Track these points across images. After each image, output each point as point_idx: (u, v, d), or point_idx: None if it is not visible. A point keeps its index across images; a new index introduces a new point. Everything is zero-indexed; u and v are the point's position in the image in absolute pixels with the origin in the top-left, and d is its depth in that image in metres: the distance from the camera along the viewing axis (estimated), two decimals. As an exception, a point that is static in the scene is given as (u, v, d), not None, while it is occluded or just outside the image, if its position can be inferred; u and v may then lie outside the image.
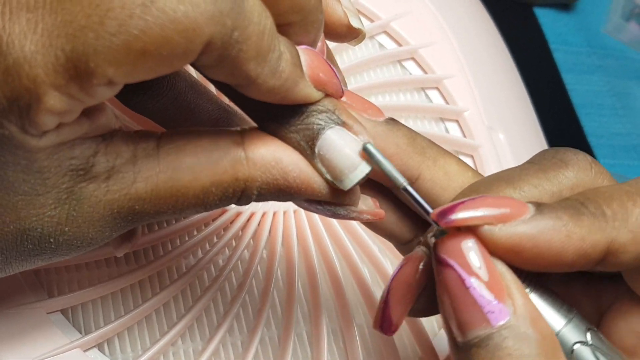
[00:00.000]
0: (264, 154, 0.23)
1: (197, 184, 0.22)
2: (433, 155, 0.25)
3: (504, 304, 0.20)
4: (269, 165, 0.23)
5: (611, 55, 0.69)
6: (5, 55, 0.18)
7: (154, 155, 0.22)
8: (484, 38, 0.47)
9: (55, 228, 0.21)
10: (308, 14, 0.23)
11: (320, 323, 0.32)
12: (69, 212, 0.21)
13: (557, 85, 0.66)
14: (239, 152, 0.22)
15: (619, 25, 0.68)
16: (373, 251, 0.34)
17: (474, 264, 0.21)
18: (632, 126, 0.65)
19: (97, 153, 0.21)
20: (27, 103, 0.18)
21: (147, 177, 0.22)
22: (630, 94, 0.67)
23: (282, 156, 0.23)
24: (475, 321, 0.20)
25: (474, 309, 0.20)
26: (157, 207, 0.22)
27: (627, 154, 0.64)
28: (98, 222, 0.22)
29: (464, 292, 0.20)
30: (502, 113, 0.43)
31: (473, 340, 0.20)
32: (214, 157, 0.22)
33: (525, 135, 0.44)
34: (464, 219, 0.21)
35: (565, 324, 0.22)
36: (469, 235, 0.21)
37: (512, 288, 0.21)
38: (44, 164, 0.20)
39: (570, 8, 0.70)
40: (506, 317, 0.20)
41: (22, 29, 0.18)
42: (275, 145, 0.23)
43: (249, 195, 0.23)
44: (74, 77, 0.18)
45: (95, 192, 0.21)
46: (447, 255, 0.21)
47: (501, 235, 0.21)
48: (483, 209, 0.21)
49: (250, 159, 0.22)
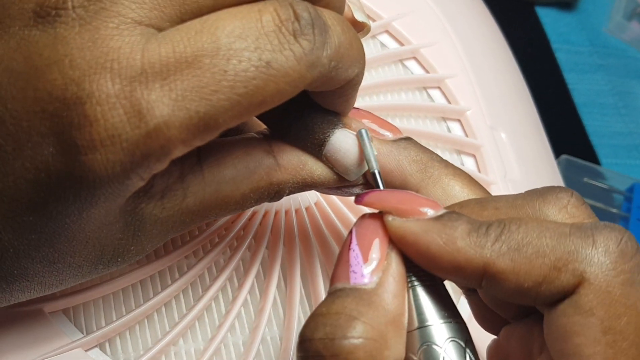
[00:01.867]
0: (292, 158, 0.26)
1: (238, 193, 0.25)
2: (436, 175, 0.26)
3: (370, 273, 0.22)
4: (298, 168, 0.26)
5: (613, 55, 0.69)
6: (147, 121, 0.20)
7: (198, 170, 0.24)
8: (486, 37, 0.47)
9: (124, 248, 0.24)
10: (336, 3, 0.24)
11: (321, 323, 0.32)
12: (134, 232, 0.23)
13: (559, 84, 0.66)
14: (271, 160, 0.25)
15: (621, 24, 0.68)
16: (375, 251, 0.34)
17: (368, 237, 0.23)
18: (634, 125, 0.65)
19: (155, 176, 0.22)
20: (157, 157, 0.20)
21: (195, 192, 0.24)
22: (632, 93, 0.67)
23: (306, 159, 0.26)
24: (341, 276, 0.23)
25: (344, 267, 0.23)
26: (203, 216, 0.24)
27: (629, 153, 0.64)
28: (156, 238, 0.24)
29: (346, 251, 0.23)
30: (504, 112, 0.43)
31: (331, 290, 0.23)
32: (251, 167, 0.25)
33: (527, 135, 0.44)
34: (368, 202, 0.24)
35: (438, 324, 0.23)
36: (380, 218, 0.23)
37: (390, 267, 0.23)
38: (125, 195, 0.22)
39: (573, 7, 0.70)
40: (363, 281, 0.22)
41: (159, 96, 0.20)
42: (298, 149, 0.26)
43: (282, 194, 0.26)
44: (202, 133, 0.21)
45: (154, 211, 0.23)
46: (355, 225, 0.24)
47: (392, 224, 0.23)
48: (390, 200, 0.23)
49: (281, 166, 0.25)
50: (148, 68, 0.20)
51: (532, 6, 0.68)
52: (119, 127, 0.20)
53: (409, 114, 0.40)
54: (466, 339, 0.23)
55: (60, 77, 0.19)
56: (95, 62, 0.20)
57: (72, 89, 0.19)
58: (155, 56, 0.20)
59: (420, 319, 0.23)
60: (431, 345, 0.22)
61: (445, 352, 0.22)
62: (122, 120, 0.20)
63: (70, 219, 0.21)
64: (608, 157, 0.63)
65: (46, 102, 0.20)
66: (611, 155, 0.63)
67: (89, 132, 0.19)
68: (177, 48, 0.20)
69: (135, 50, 0.20)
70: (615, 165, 0.63)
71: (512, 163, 0.40)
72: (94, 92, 0.19)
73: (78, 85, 0.19)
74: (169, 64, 0.20)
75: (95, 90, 0.19)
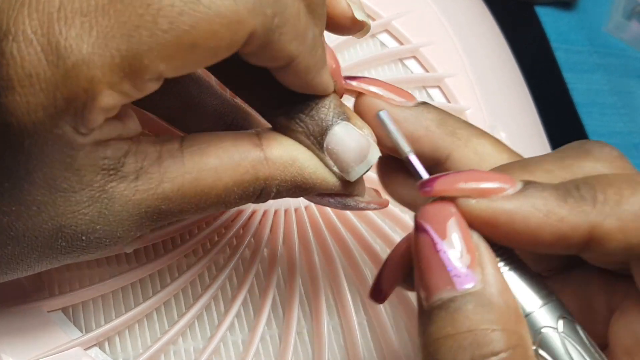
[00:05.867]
0: (282, 153, 0.24)
1: (220, 184, 0.23)
2: (465, 136, 0.25)
3: (472, 270, 0.20)
4: (287, 164, 0.24)
5: (612, 54, 0.69)
6: (65, 59, 0.19)
7: (179, 156, 0.23)
8: (486, 37, 0.47)
9: (88, 226, 0.22)
10: (317, 7, 0.23)
11: (321, 321, 0.32)
12: (101, 210, 0.22)
13: (559, 83, 0.65)
14: (258, 153, 0.24)
15: (621, 24, 0.68)
16: (374, 249, 0.34)
17: (449, 230, 0.21)
18: (633, 125, 0.65)
19: (127, 154, 0.22)
20: (83, 102, 0.19)
21: (173, 177, 0.23)
22: (632, 92, 0.67)
23: (297, 154, 0.24)
24: (441, 284, 0.20)
25: (441, 272, 0.20)
26: (181, 207, 0.23)
27: (628, 153, 0.64)
28: (127, 221, 0.23)
29: (434, 255, 0.20)
30: (504, 112, 0.43)
31: (436, 303, 0.20)
32: (236, 159, 0.23)
33: (526, 134, 0.44)
34: (441, 190, 0.21)
35: (540, 307, 0.21)
36: (449, 204, 0.21)
37: (484, 258, 0.21)
38: (82, 162, 0.21)
39: (572, 7, 0.70)
40: (471, 283, 0.20)
41: (78, 32, 0.19)
42: (290, 145, 0.24)
43: (268, 193, 0.24)
44: (128, 75, 0.19)
45: (125, 191, 0.22)
46: (424, 219, 0.21)
47: (476, 207, 0.21)
48: (463, 182, 0.21)
49: (269, 160, 0.24)
50: (67, 3, 0.19)
51: (531, 5, 0.68)
52: (36, 65, 0.19)
53: (408, 113, 0.40)
54: (568, 311, 0.22)
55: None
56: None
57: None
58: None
59: (525, 305, 0.21)
60: (548, 330, 0.21)
61: (563, 334, 0.21)
62: (39, 57, 0.19)
63: (13, 174, 0.20)
64: (607, 156, 0.63)
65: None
66: (610, 155, 0.63)
67: (6, 71, 0.19)
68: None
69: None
70: (614, 164, 0.63)
71: (511, 162, 0.40)
72: (10, 29, 0.19)
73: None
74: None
75: (12, 26, 0.19)
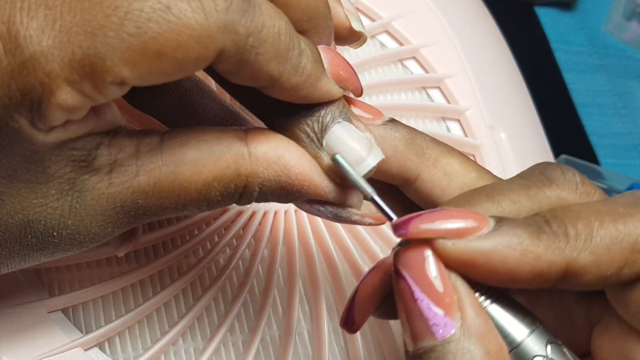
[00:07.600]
0: (267, 149, 0.23)
1: (199, 178, 0.22)
2: (434, 156, 0.25)
3: (451, 317, 0.20)
4: (271, 161, 0.23)
5: (612, 55, 0.69)
6: (23, 49, 0.18)
7: (157, 149, 0.22)
8: (486, 37, 0.47)
9: (58, 220, 0.22)
10: (320, 21, 0.23)
11: (321, 322, 0.32)
12: (71, 204, 0.21)
13: (558, 84, 0.66)
14: (241, 148, 0.23)
15: (620, 24, 0.68)
16: (374, 251, 0.34)
17: (428, 275, 0.21)
18: (633, 126, 0.65)
19: (99, 146, 0.21)
20: (39, 97, 0.19)
21: (149, 170, 0.22)
22: (632, 93, 0.67)
23: (284, 152, 0.23)
24: (421, 333, 0.20)
25: (421, 321, 0.20)
26: (159, 202, 0.22)
27: (628, 154, 0.64)
28: (101, 216, 0.22)
29: (413, 303, 0.20)
30: (504, 112, 0.43)
31: (419, 351, 0.20)
32: (217, 152, 0.22)
33: (526, 135, 0.44)
34: (416, 233, 0.21)
35: (528, 335, 0.22)
36: (425, 247, 0.21)
37: (464, 301, 0.21)
38: (46, 155, 0.20)
39: (572, 7, 0.70)
40: (451, 330, 0.20)
41: (40, 25, 0.19)
42: (278, 141, 0.23)
43: (251, 192, 0.23)
44: (88, 74, 0.19)
45: (98, 184, 0.21)
46: (402, 266, 0.21)
47: (454, 249, 0.21)
48: (439, 222, 0.21)
49: (252, 155, 0.23)
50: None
51: (531, 6, 0.68)
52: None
53: (408, 114, 0.40)
54: (552, 334, 0.22)
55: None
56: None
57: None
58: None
59: (510, 338, 0.22)
60: (539, 359, 0.21)
61: (550, 357, 0.21)
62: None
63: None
64: (607, 157, 0.63)
65: None
66: (610, 155, 0.63)
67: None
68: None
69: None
70: (614, 165, 0.63)
71: (511, 163, 0.40)
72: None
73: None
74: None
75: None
